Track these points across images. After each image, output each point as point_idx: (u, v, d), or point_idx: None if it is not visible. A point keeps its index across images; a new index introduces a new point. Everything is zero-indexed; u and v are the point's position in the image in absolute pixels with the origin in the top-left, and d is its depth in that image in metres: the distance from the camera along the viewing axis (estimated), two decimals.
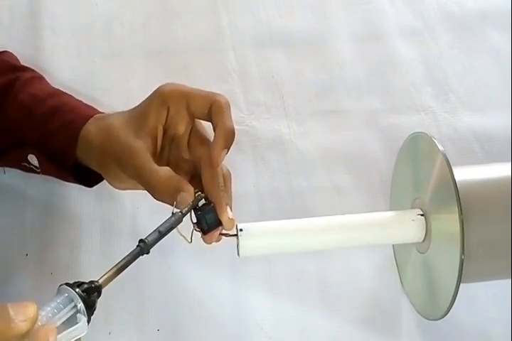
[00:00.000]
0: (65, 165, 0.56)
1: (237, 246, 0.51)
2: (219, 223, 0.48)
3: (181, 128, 0.53)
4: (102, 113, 0.58)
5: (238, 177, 0.63)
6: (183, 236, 0.48)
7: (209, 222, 0.48)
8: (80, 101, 0.59)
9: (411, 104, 0.73)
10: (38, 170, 0.58)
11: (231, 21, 0.78)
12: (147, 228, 0.63)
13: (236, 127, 0.69)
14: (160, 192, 0.49)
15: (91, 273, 0.59)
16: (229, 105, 0.51)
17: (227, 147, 0.49)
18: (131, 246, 0.61)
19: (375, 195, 0.66)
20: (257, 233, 0.51)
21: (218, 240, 0.50)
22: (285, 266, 0.62)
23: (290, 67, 0.75)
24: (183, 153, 0.53)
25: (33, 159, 0.57)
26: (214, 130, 0.50)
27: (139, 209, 0.64)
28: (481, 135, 0.71)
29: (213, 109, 0.50)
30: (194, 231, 0.48)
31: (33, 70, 0.63)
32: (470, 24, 0.80)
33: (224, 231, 0.50)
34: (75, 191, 0.64)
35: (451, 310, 0.58)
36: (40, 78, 0.62)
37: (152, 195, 0.50)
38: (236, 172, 0.54)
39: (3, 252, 0.60)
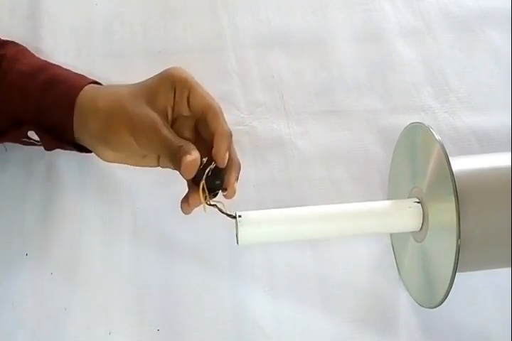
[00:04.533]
0: (64, 137, 0.57)
1: (236, 234, 0.51)
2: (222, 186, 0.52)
3: (184, 113, 0.55)
4: (94, 81, 0.59)
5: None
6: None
7: (218, 181, 0.51)
8: (70, 71, 0.60)
9: (411, 104, 0.73)
10: (39, 144, 0.59)
11: (231, 21, 0.78)
12: (147, 228, 0.63)
13: (236, 127, 0.70)
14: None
15: (91, 273, 0.60)
16: (221, 110, 0.54)
17: (229, 148, 0.52)
18: (131, 246, 0.62)
19: (375, 194, 0.66)
20: (256, 219, 0.52)
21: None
22: (285, 266, 0.62)
23: (290, 67, 0.75)
24: (185, 133, 0.55)
25: (33, 135, 0.58)
26: (212, 134, 0.52)
27: (139, 209, 0.64)
28: (481, 135, 0.71)
29: (209, 115, 0.53)
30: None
31: (14, 42, 0.63)
32: (470, 24, 0.80)
33: (222, 208, 0.51)
34: (75, 191, 0.64)
35: (451, 310, 0.58)
36: (24, 51, 0.62)
37: (168, 159, 0.51)
38: None
39: (3, 252, 0.60)
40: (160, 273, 0.60)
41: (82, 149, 0.59)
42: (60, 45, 0.74)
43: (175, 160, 0.50)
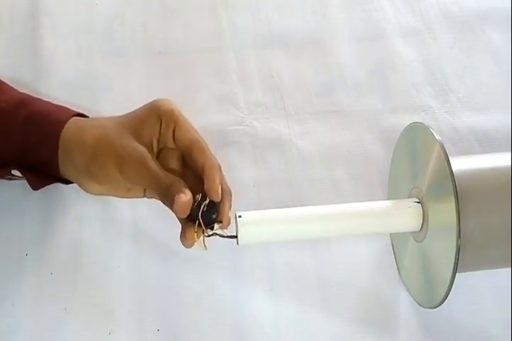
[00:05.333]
0: (50, 174, 0.56)
1: (236, 234, 0.51)
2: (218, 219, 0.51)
3: (169, 145, 0.54)
4: (77, 113, 0.57)
5: (238, 177, 0.64)
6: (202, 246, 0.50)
7: (212, 216, 0.50)
8: (50, 104, 0.58)
9: (411, 104, 0.73)
10: (23, 179, 0.58)
11: (231, 21, 0.78)
12: (147, 228, 0.63)
13: (236, 127, 0.70)
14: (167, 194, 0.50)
15: (91, 273, 0.60)
16: (207, 144, 0.53)
17: (221, 180, 0.51)
18: (132, 246, 0.62)
19: (375, 194, 0.66)
20: (256, 219, 0.52)
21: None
22: (285, 266, 0.62)
23: (290, 67, 0.75)
24: (171, 164, 0.55)
25: (16, 172, 0.57)
26: (200, 167, 0.52)
27: (139, 209, 0.63)
28: (481, 135, 0.71)
29: (195, 150, 0.52)
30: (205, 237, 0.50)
31: None
32: (470, 24, 0.80)
33: (221, 233, 0.51)
34: (75, 191, 0.64)
35: (451, 310, 0.58)
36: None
37: (159, 196, 0.51)
38: (236, 173, 0.54)
39: (3, 252, 0.60)
40: (160, 273, 0.60)
41: (68, 182, 0.58)
42: (60, 45, 0.74)
43: (165, 197, 0.50)
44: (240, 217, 0.51)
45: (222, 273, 0.61)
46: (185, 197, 0.49)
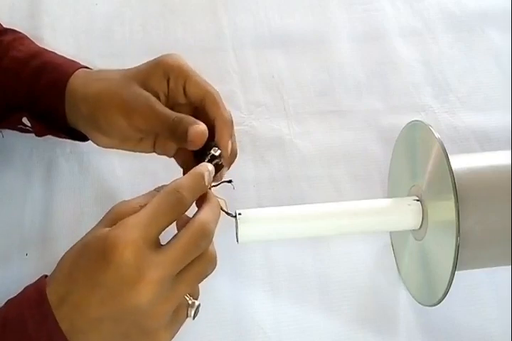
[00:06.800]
0: (56, 123, 0.57)
1: (236, 232, 0.51)
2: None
3: (180, 100, 0.53)
4: (87, 67, 0.58)
5: (238, 177, 0.63)
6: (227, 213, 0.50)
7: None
8: (63, 57, 0.60)
9: (411, 104, 0.73)
10: (32, 131, 0.59)
11: (231, 21, 0.79)
12: None
13: (236, 127, 0.70)
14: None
15: None
16: (220, 96, 0.52)
17: (231, 135, 0.51)
18: None
19: (375, 194, 0.66)
20: (255, 217, 0.52)
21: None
22: (285, 266, 0.62)
23: (290, 67, 0.75)
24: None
25: (27, 121, 0.58)
26: (212, 121, 0.51)
27: None
28: (481, 135, 0.71)
29: (207, 102, 0.52)
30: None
31: (13, 30, 0.62)
32: (470, 24, 0.80)
33: (224, 209, 0.50)
34: (75, 191, 0.64)
35: (451, 310, 0.58)
36: (22, 38, 0.62)
37: (170, 135, 0.50)
38: (236, 173, 0.54)
39: (3, 252, 0.60)
40: None
41: (75, 137, 0.58)
42: (60, 45, 0.74)
43: (175, 134, 0.49)
44: (239, 214, 0.51)
45: (222, 272, 0.60)
46: (201, 126, 0.48)
